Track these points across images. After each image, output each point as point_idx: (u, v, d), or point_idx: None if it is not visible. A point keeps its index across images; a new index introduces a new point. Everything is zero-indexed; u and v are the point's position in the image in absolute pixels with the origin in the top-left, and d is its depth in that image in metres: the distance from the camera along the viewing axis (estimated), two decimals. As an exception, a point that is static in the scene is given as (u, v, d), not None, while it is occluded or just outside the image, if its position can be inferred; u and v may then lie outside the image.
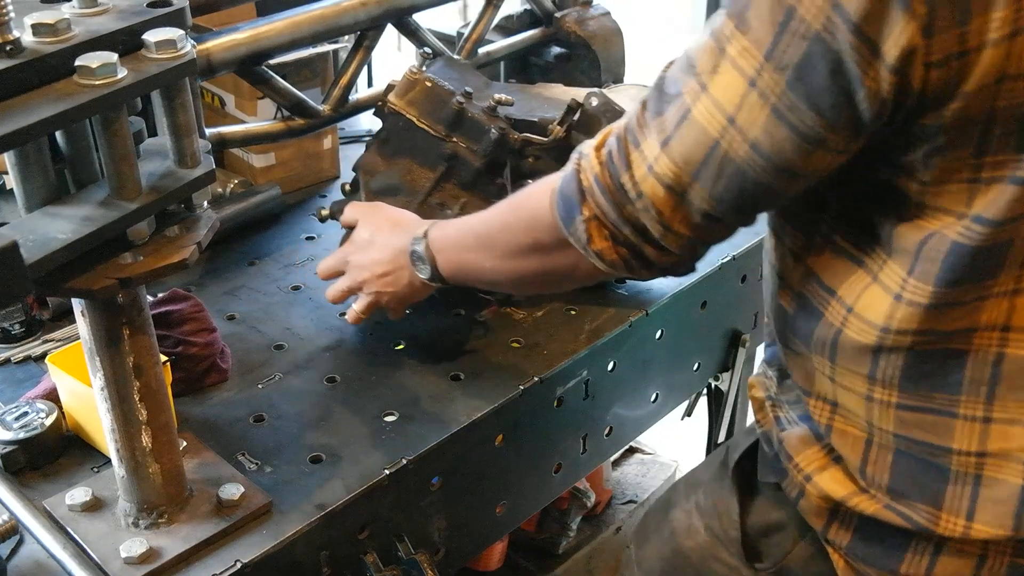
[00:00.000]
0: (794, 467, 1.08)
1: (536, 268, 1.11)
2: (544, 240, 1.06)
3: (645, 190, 0.93)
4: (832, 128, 0.84)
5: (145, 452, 1.05)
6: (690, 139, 0.89)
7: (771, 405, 1.16)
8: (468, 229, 1.19)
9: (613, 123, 0.99)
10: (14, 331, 1.41)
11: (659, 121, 0.91)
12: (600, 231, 0.98)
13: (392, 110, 1.41)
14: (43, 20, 0.85)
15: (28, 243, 0.83)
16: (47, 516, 1.09)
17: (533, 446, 1.41)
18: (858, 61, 0.79)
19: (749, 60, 0.84)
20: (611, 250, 0.99)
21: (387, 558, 1.20)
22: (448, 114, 1.40)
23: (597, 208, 0.97)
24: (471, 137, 1.41)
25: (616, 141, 0.96)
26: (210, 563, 1.06)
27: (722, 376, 1.83)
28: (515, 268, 1.13)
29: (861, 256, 0.96)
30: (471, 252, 1.17)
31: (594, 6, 1.92)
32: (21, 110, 0.81)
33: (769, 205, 0.99)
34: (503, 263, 1.13)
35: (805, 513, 1.10)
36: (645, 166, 0.92)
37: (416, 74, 1.41)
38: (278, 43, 1.49)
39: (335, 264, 1.35)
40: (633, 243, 0.97)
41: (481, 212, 1.19)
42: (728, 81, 0.86)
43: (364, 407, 1.30)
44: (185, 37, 0.90)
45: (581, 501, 2.10)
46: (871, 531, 1.04)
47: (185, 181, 0.95)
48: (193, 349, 1.30)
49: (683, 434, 2.18)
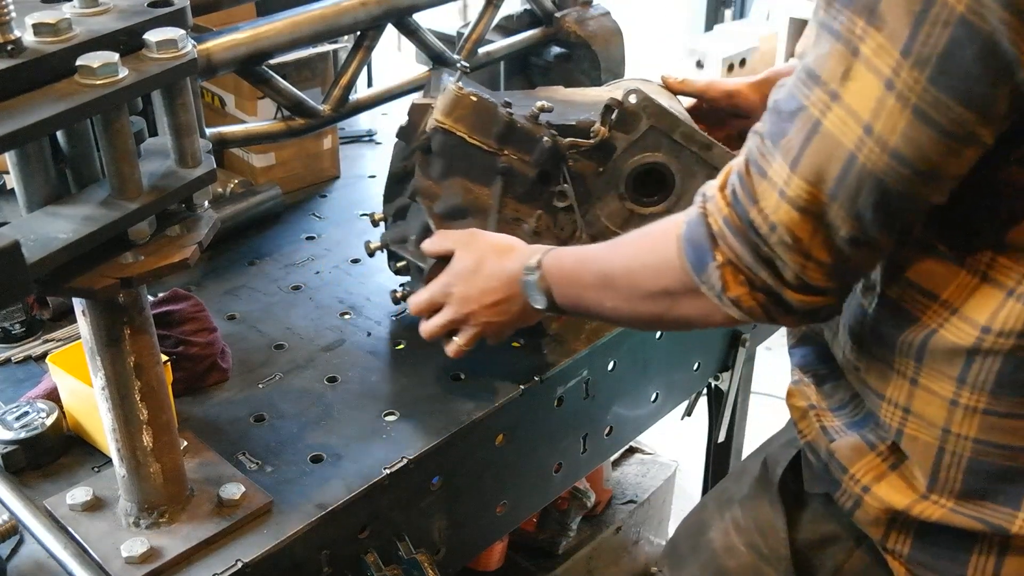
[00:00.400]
0: (849, 478, 1.05)
1: (661, 313, 1.04)
2: (672, 287, 0.99)
3: (779, 219, 0.86)
4: (984, 120, 0.78)
5: (146, 452, 1.05)
6: (823, 154, 0.84)
7: (815, 415, 1.12)
8: (586, 265, 1.12)
9: (732, 160, 0.94)
10: (15, 331, 1.41)
11: (784, 142, 0.86)
12: (735, 276, 0.91)
13: (441, 129, 1.35)
14: (44, 20, 0.85)
15: (29, 243, 0.84)
16: (48, 516, 1.09)
17: (533, 446, 1.41)
18: (1014, 40, 0.73)
19: (885, 59, 0.79)
20: (748, 296, 0.91)
21: (387, 558, 1.20)
22: (498, 127, 1.35)
23: (731, 252, 0.90)
24: (522, 148, 1.37)
25: (738, 177, 0.90)
26: (211, 563, 1.06)
27: (722, 376, 1.83)
28: (638, 312, 1.07)
29: (963, 255, 0.91)
30: (590, 290, 1.11)
31: (594, 6, 1.92)
32: (22, 110, 0.81)
33: (916, 217, 0.89)
34: (625, 305, 1.07)
35: (861, 523, 1.06)
36: (776, 193, 0.86)
37: (461, 90, 1.35)
38: (278, 43, 1.49)
39: (433, 298, 1.26)
40: (771, 287, 0.90)
41: (598, 247, 1.13)
42: (863, 86, 0.80)
43: (364, 407, 1.30)
44: (186, 37, 0.91)
45: (581, 501, 2.10)
46: (934, 536, 1.02)
47: (186, 181, 0.95)
48: (194, 349, 1.31)
49: (683, 434, 2.18)
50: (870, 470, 1.04)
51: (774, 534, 1.21)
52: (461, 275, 1.23)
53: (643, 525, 2.30)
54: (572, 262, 1.14)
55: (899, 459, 1.03)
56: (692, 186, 1.45)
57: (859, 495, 1.05)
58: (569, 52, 1.90)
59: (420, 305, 1.28)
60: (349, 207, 1.85)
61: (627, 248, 1.08)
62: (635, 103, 1.39)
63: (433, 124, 1.35)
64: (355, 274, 1.63)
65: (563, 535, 2.09)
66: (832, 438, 1.09)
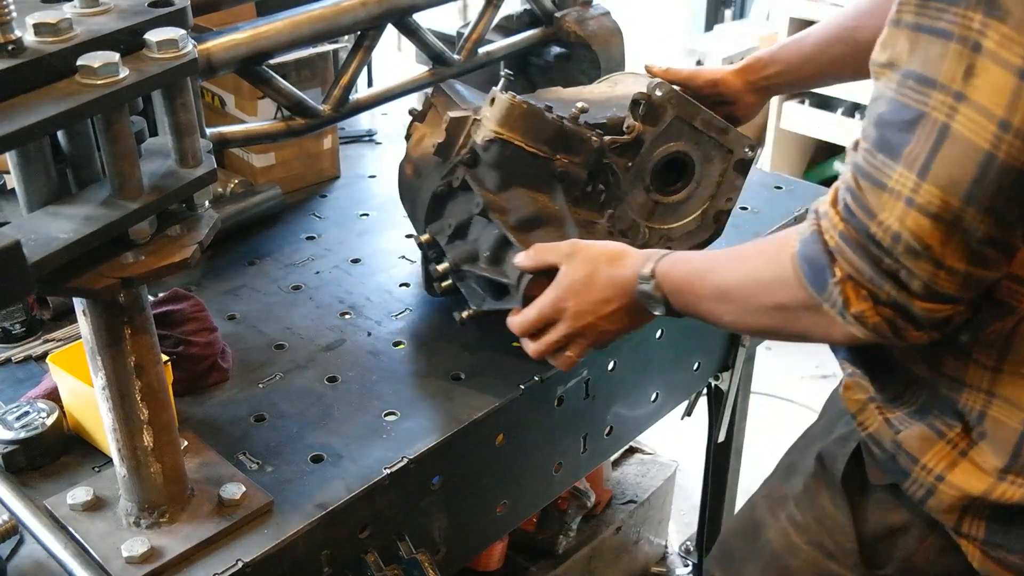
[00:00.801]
0: (921, 468, 1.06)
1: (779, 326, 1.04)
2: (789, 304, 0.98)
3: (906, 228, 0.85)
4: None
5: (146, 451, 1.05)
6: (956, 157, 0.82)
7: (875, 407, 1.12)
8: (701, 277, 1.11)
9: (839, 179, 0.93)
10: (15, 331, 1.41)
11: (907, 152, 0.84)
12: (857, 292, 0.90)
13: (499, 139, 1.32)
14: (45, 20, 0.85)
15: (30, 242, 0.84)
16: (48, 516, 1.09)
17: (533, 446, 1.41)
18: None
19: (1014, 49, 0.77)
20: (872, 312, 0.90)
21: (388, 557, 1.20)
22: (549, 132, 1.34)
23: (850, 267, 0.89)
24: (572, 150, 1.36)
25: (850, 192, 0.90)
26: (211, 562, 1.06)
27: (722, 376, 1.83)
28: (757, 323, 1.07)
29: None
30: (706, 302, 1.11)
31: (594, 6, 1.92)
32: (23, 110, 0.81)
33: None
34: (743, 317, 1.08)
35: (934, 511, 1.07)
36: (902, 202, 0.85)
37: (514, 98, 1.33)
38: (278, 43, 1.49)
39: (543, 315, 1.22)
40: (897, 300, 0.88)
41: (710, 257, 1.13)
42: (991, 81, 0.79)
43: (365, 407, 1.30)
44: (186, 37, 0.91)
45: (581, 501, 2.10)
46: (1011, 517, 1.03)
47: (186, 180, 0.95)
48: (194, 349, 1.31)
49: (683, 434, 2.18)
50: (942, 458, 1.04)
51: (839, 529, 1.20)
52: (573, 289, 1.20)
53: (643, 525, 2.31)
54: (686, 272, 1.13)
55: (969, 444, 1.03)
56: (710, 171, 1.46)
57: (932, 484, 1.05)
58: (569, 52, 1.90)
59: (528, 324, 1.24)
60: (349, 207, 1.85)
61: (742, 263, 1.07)
62: (662, 95, 1.39)
63: (489, 135, 1.32)
64: (355, 274, 1.63)
65: (563, 535, 2.09)
66: (897, 429, 1.09)
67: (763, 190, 1.88)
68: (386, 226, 1.77)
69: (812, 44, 1.49)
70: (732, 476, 2.21)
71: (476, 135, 1.35)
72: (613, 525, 2.19)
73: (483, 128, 1.34)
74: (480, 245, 1.34)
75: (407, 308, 1.53)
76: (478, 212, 1.33)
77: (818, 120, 3.28)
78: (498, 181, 1.34)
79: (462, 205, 1.37)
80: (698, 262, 1.14)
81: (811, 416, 1.37)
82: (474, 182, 1.35)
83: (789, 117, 3.35)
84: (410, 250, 1.68)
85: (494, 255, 1.32)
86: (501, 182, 1.34)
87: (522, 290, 1.26)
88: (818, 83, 1.76)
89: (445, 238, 1.37)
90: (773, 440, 2.93)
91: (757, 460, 2.81)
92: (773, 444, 2.88)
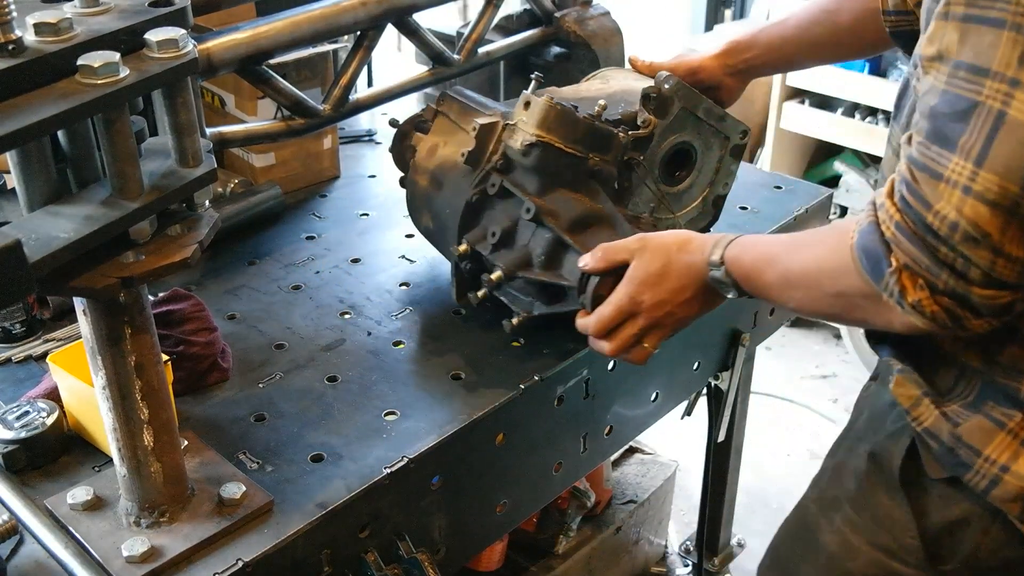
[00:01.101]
0: (984, 460, 1.07)
1: (842, 312, 1.07)
2: (850, 292, 1.01)
3: (964, 216, 0.86)
4: None
5: (146, 451, 1.06)
6: (1013, 144, 0.83)
7: (930, 401, 1.12)
8: (768, 263, 1.14)
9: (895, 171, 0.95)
10: (15, 330, 1.41)
11: (963, 142, 0.86)
12: (914, 281, 0.91)
13: (540, 142, 1.32)
14: (45, 19, 0.85)
15: (30, 242, 0.84)
16: (48, 515, 1.09)
17: (533, 445, 1.41)
18: None
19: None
20: (930, 301, 0.91)
21: (388, 557, 1.20)
22: (582, 132, 1.34)
23: (907, 257, 0.91)
24: (602, 149, 1.36)
25: (905, 184, 0.91)
26: (211, 562, 1.06)
27: (722, 376, 1.83)
28: (822, 309, 1.10)
29: None
30: (774, 288, 1.14)
31: (594, 6, 1.92)
32: (23, 109, 0.81)
33: None
34: (809, 303, 1.11)
35: (998, 501, 1.08)
36: (959, 191, 0.86)
37: (550, 100, 1.33)
38: (278, 43, 1.49)
39: (621, 309, 1.22)
40: (954, 289, 0.90)
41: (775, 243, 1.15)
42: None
43: (364, 406, 1.31)
44: (186, 36, 0.91)
45: (581, 501, 2.10)
46: None
47: (187, 180, 0.95)
48: (194, 348, 1.31)
49: (683, 434, 2.18)
50: (1005, 449, 1.05)
51: (900, 526, 1.19)
52: (647, 281, 1.21)
53: (643, 525, 2.30)
54: (752, 259, 1.16)
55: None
56: (709, 158, 1.49)
57: (997, 475, 1.06)
58: (569, 52, 1.90)
59: (606, 321, 1.23)
60: (349, 207, 1.85)
61: (805, 251, 1.10)
62: (670, 88, 1.40)
63: (530, 139, 1.31)
64: (355, 274, 1.63)
65: (563, 535, 2.09)
66: (955, 422, 1.09)
67: (763, 190, 1.88)
68: (386, 226, 1.77)
69: (792, 27, 1.52)
70: (732, 476, 2.21)
71: (512, 140, 1.34)
72: (613, 525, 2.19)
73: (520, 132, 1.33)
74: (532, 250, 1.34)
75: (407, 308, 1.53)
76: (530, 217, 1.32)
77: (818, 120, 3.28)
78: (539, 184, 1.34)
79: (502, 212, 1.37)
80: (763, 248, 1.16)
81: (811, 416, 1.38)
82: (515, 188, 1.34)
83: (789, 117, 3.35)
84: (410, 250, 1.69)
85: (549, 259, 1.33)
86: (541, 185, 1.34)
87: (590, 291, 1.25)
88: (797, 65, 1.78)
89: (488, 247, 1.36)
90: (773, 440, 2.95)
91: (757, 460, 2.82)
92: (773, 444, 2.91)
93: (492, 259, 1.35)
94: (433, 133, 1.51)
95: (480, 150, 1.38)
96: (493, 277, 1.34)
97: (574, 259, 1.30)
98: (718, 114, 1.45)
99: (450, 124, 1.49)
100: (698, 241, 1.22)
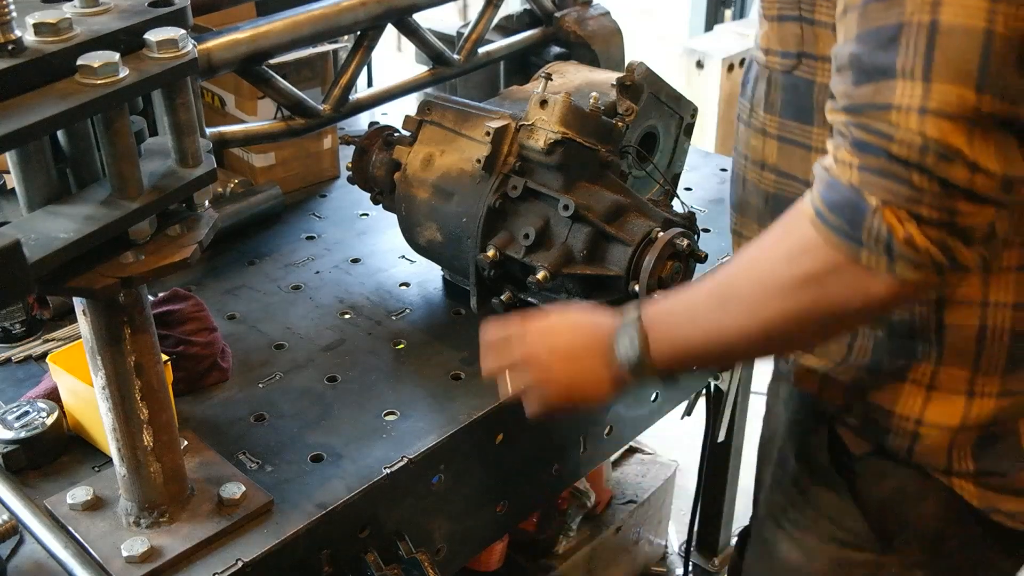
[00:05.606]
0: (898, 419, 1.08)
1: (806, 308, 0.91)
2: (816, 269, 0.89)
3: (929, 135, 0.80)
4: None
5: (146, 451, 1.06)
6: (956, 49, 0.80)
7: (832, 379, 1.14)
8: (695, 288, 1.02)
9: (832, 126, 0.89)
10: (15, 331, 1.41)
11: (901, 66, 0.81)
12: (898, 215, 0.83)
13: (564, 139, 1.32)
14: (45, 20, 0.85)
15: (30, 242, 0.84)
16: (48, 515, 1.09)
17: (533, 446, 1.41)
18: None
19: None
20: (920, 233, 0.83)
21: (388, 557, 1.20)
22: (592, 126, 1.36)
23: (884, 193, 0.83)
24: (607, 140, 1.39)
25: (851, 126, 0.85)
26: (211, 562, 1.06)
27: (722, 375, 1.83)
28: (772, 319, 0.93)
29: None
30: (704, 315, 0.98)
31: (594, 6, 1.92)
32: (23, 109, 0.81)
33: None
34: (755, 316, 0.94)
35: (923, 458, 1.08)
36: (916, 113, 0.81)
37: (568, 97, 1.34)
38: (278, 43, 1.49)
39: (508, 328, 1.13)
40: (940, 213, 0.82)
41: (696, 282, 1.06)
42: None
43: (364, 406, 1.31)
44: (186, 36, 0.91)
45: (581, 501, 2.10)
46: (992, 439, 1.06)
47: (186, 180, 0.95)
48: (194, 348, 1.31)
49: (683, 434, 2.18)
50: (914, 400, 1.06)
51: (843, 513, 1.19)
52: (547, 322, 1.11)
53: (643, 525, 2.30)
54: (675, 294, 1.05)
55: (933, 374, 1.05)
56: (667, 140, 1.55)
57: (914, 430, 1.07)
58: (569, 52, 1.90)
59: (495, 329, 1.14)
60: (349, 207, 1.85)
61: (745, 254, 0.99)
62: (639, 75, 1.43)
63: (555, 136, 1.32)
64: (355, 274, 1.63)
65: (563, 535, 2.09)
66: (862, 389, 1.10)
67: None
68: (386, 226, 1.77)
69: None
70: (732, 476, 2.21)
71: (532, 140, 1.34)
72: (613, 525, 2.19)
73: (541, 131, 1.34)
74: (572, 246, 1.34)
75: (407, 308, 1.53)
76: (569, 214, 1.32)
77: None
78: (563, 181, 1.35)
79: (528, 214, 1.36)
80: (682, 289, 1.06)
81: (811, 415, 1.38)
82: (542, 187, 1.35)
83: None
84: (410, 250, 1.68)
85: (591, 252, 1.33)
86: (565, 182, 1.35)
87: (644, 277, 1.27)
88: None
89: (522, 249, 1.35)
90: (773, 440, 2.94)
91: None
92: (773, 444, 2.90)
93: (529, 261, 1.34)
94: (422, 143, 1.47)
95: (496, 154, 1.37)
96: (540, 277, 1.31)
97: (617, 249, 1.32)
98: (675, 95, 1.50)
99: (444, 132, 1.45)
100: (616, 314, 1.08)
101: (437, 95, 1.55)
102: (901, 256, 0.84)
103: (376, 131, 1.58)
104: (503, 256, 1.36)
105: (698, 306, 1.00)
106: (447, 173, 1.42)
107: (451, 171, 1.42)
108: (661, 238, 1.30)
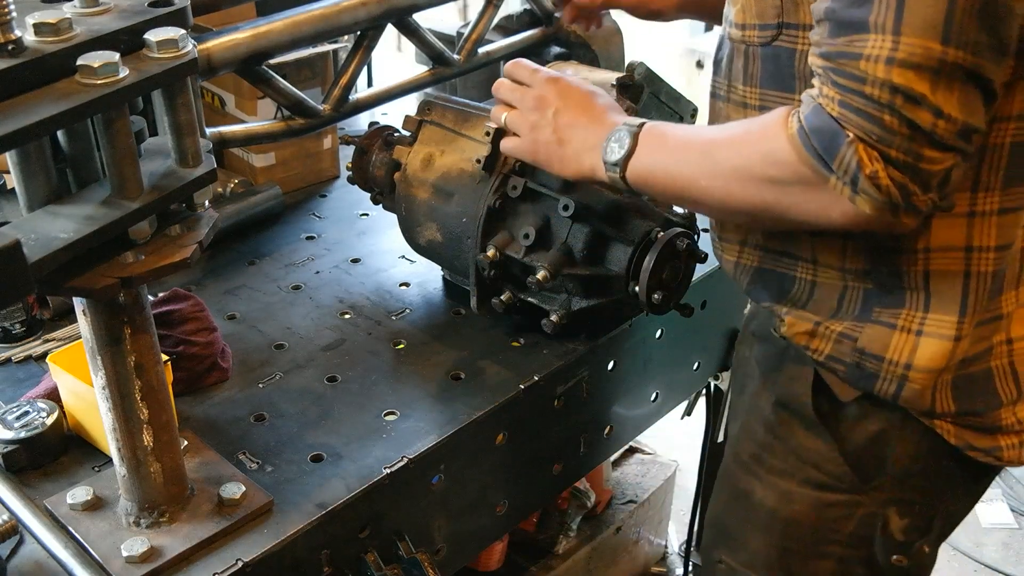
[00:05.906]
0: (888, 364, 1.11)
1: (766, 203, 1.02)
2: (784, 178, 0.98)
3: (897, 84, 0.88)
4: None
5: (146, 451, 1.06)
6: (923, 4, 0.87)
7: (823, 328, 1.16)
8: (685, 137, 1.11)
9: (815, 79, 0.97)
10: (15, 330, 1.41)
11: (873, 19, 0.88)
12: (868, 153, 0.91)
13: None
14: (45, 19, 0.85)
15: (30, 242, 0.84)
16: (48, 515, 1.09)
17: (533, 445, 1.41)
18: None
19: None
20: (884, 174, 0.91)
21: (388, 557, 1.20)
22: None
23: (859, 130, 0.91)
24: None
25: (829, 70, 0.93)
26: (211, 562, 1.06)
27: (722, 375, 1.83)
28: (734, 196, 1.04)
29: None
30: (683, 162, 1.08)
31: (594, 6, 1.92)
32: (23, 109, 0.81)
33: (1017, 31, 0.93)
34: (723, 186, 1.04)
35: (908, 401, 1.13)
36: (883, 63, 0.88)
37: None
38: (278, 43, 1.49)
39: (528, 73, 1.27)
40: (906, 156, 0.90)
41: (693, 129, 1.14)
42: None
43: (364, 406, 1.31)
44: (186, 36, 0.91)
45: (581, 501, 2.10)
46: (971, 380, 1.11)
47: (187, 180, 0.95)
48: (194, 348, 1.31)
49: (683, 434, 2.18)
50: (904, 347, 1.10)
51: (823, 457, 1.22)
52: (563, 82, 1.23)
53: (643, 525, 2.31)
54: (674, 128, 1.14)
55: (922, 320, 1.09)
56: None
57: (903, 374, 1.11)
58: (569, 52, 1.90)
59: (510, 85, 1.26)
60: (349, 207, 1.85)
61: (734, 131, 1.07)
62: (639, 75, 1.42)
63: None
64: (355, 274, 1.63)
65: (563, 535, 2.09)
66: (853, 337, 1.13)
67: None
68: (386, 226, 1.77)
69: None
70: (732, 476, 2.21)
71: None
72: (613, 525, 2.19)
73: None
74: (572, 246, 1.34)
75: (407, 308, 1.53)
76: (569, 214, 1.32)
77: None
78: (563, 181, 1.33)
79: (528, 214, 1.36)
80: (687, 128, 1.16)
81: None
82: (542, 188, 1.35)
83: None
84: (410, 250, 1.68)
85: (591, 252, 1.33)
86: (564, 182, 1.33)
87: None
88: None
89: (522, 249, 1.35)
90: (773, 440, 2.95)
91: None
92: (773, 444, 2.90)
93: (529, 261, 1.34)
94: (422, 143, 1.47)
95: (496, 154, 1.37)
96: (540, 277, 1.32)
97: (617, 249, 1.32)
98: (675, 95, 1.50)
99: (444, 132, 1.45)
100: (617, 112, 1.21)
101: (437, 95, 1.54)
102: (863, 191, 0.92)
103: (376, 131, 1.58)
104: (503, 256, 1.36)
105: (685, 150, 1.10)
106: (447, 173, 1.42)
107: (451, 171, 1.42)
108: (661, 238, 1.30)
